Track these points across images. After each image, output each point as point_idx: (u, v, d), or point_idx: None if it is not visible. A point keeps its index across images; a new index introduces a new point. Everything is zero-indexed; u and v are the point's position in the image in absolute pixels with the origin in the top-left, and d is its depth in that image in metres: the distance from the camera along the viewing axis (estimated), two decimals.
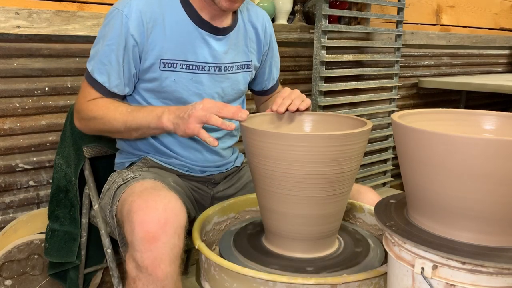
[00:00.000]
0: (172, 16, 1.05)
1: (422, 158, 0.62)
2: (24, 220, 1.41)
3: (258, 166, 0.87)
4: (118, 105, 1.04)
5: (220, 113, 0.89)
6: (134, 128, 1.00)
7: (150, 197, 0.85)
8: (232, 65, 1.13)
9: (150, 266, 0.79)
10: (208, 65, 1.09)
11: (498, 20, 3.24)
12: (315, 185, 0.83)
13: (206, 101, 0.92)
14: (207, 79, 1.09)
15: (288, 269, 0.85)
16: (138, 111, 1.00)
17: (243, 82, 1.18)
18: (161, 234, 0.80)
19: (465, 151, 0.57)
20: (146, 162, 1.13)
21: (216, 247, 1.05)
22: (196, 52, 1.07)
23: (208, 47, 1.08)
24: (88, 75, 1.05)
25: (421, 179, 0.64)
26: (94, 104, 1.04)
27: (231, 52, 1.13)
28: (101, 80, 1.03)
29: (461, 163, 0.58)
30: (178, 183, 1.11)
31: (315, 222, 0.88)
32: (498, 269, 0.57)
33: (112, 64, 1.02)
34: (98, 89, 1.04)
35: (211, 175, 1.18)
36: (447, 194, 0.61)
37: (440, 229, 0.63)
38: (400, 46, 2.41)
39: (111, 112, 1.02)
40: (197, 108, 0.90)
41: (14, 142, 1.42)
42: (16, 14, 1.34)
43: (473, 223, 0.60)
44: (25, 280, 1.34)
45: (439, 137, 0.59)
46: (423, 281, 0.61)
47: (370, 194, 1.12)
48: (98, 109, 1.03)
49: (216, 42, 1.09)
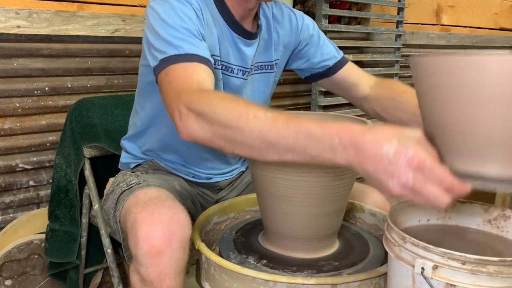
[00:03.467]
0: (207, 11, 0.96)
1: (452, 87, 0.59)
2: (24, 220, 1.41)
3: (258, 166, 0.87)
4: (247, 104, 0.71)
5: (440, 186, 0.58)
6: (279, 149, 0.66)
7: (155, 208, 0.82)
8: (252, 66, 1.06)
9: (155, 280, 0.78)
10: (237, 67, 1.02)
11: (498, 20, 3.24)
12: (315, 185, 0.83)
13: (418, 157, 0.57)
14: (236, 82, 1.03)
15: (288, 269, 0.85)
16: (287, 126, 0.65)
17: (264, 82, 1.10)
18: (166, 249, 0.78)
19: (495, 71, 0.56)
20: (153, 164, 1.12)
21: (216, 247, 1.05)
22: (228, 53, 1.00)
23: (238, 50, 1.01)
24: (168, 60, 0.83)
25: (451, 113, 0.61)
26: (207, 95, 0.76)
27: (258, 55, 1.06)
28: (190, 50, 0.83)
29: (491, 84, 0.56)
30: (183, 186, 1.09)
31: (316, 222, 0.88)
32: (498, 269, 0.57)
33: (190, 32, 0.86)
34: (190, 59, 0.83)
35: (217, 181, 1.16)
36: (475, 123, 0.58)
37: (471, 165, 0.60)
38: (400, 46, 2.41)
39: (241, 109, 0.69)
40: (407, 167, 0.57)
41: (14, 142, 1.42)
42: (16, 14, 1.34)
43: (501, 154, 0.59)
44: (25, 280, 1.34)
45: (470, 60, 0.57)
46: (423, 281, 0.61)
47: (375, 195, 1.11)
48: (225, 106, 0.71)
49: (246, 47, 1.02)
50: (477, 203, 0.78)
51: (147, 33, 0.89)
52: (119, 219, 0.96)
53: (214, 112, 0.71)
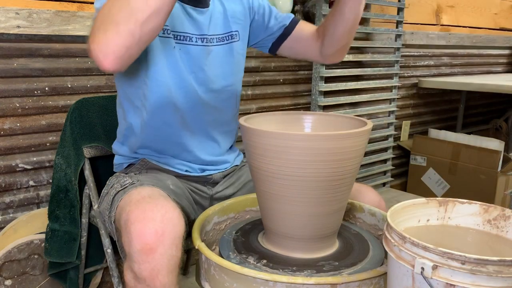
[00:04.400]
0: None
1: None
2: (24, 220, 1.41)
3: (258, 166, 0.87)
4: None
5: None
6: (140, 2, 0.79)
7: (147, 206, 0.84)
8: (213, 37, 1.12)
9: (148, 277, 0.79)
10: (195, 36, 1.07)
11: (498, 20, 3.24)
12: (315, 185, 0.83)
13: None
14: (196, 50, 1.08)
15: (288, 269, 0.85)
16: None
17: (227, 52, 1.15)
18: (158, 246, 0.79)
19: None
20: (145, 164, 1.13)
21: (216, 247, 1.05)
22: (183, 23, 1.06)
23: (191, 19, 1.08)
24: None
25: None
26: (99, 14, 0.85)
27: (215, 26, 1.12)
28: None
29: None
30: (177, 185, 1.10)
31: (315, 222, 0.88)
32: (498, 269, 0.57)
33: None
34: None
35: (211, 174, 1.18)
36: None
37: None
38: (400, 46, 2.41)
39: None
40: None
41: (14, 142, 1.42)
42: (16, 14, 1.34)
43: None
44: (25, 280, 1.34)
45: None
46: (423, 281, 0.61)
47: (371, 193, 1.12)
48: (104, 10, 0.83)
49: (199, 15, 1.09)
50: (477, 203, 0.78)
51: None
52: (114, 219, 0.97)
53: (103, 13, 0.81)
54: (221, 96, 1.14)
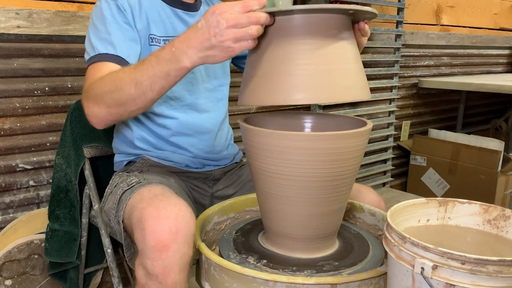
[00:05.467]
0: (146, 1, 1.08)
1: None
2: (24, 220, 1.41)
3: (258, 166, 0.87)
4: (122, 68, 0.92)
5: (245, 10, 0.74)
6: (147, 84, 0.83)
7: (161, 204, 0.84)
8: None
9: (160, 274, 0.80)
10: None
11: (498, 20, 3.24)
12: (315, 185, 0.83)
13: (221, 12, 0.73)
14: None
15: (288, 269, 0.85)
16: (143, 63, 0.85)
17: None
18: (172, 243, 0.80)
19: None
20: (145, 161, 1.13)
21: (216, 247, 1.05)
22: (175, 29, 1.10)
23: (184, 23, 1.12)
24: (89, 60, 1.00)
25: None
26: (96, 81, 0.93)
27: None
28: (104, 51, 0.97)
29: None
30: (179, 183, 1.11)
31: (315, 222, 0.88)
32: (498, 269, 0.57)
33: (113, 33, 0.99)
34: (104, 58, 0.97)
35: (211, 170, 1.18)
36: None
37: None
38: (400, 46, 2.41)
39: (115, 74, 0.89)
40: (221, 27, 0.73)
41: (14, 142, 1.42)
42: (16, 14, 1.34)
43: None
44: (25, 280, 1.34)
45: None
46: (423, 281, 0.61)
47: (370, 194, 1.12)
48: (105, 80, 0.90)
49: (191, 18, 1.13)
50: (477, 203, 0.78)
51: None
52: (122, 218, 0.97)
53: (99, 88, 0.90)
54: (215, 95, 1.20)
